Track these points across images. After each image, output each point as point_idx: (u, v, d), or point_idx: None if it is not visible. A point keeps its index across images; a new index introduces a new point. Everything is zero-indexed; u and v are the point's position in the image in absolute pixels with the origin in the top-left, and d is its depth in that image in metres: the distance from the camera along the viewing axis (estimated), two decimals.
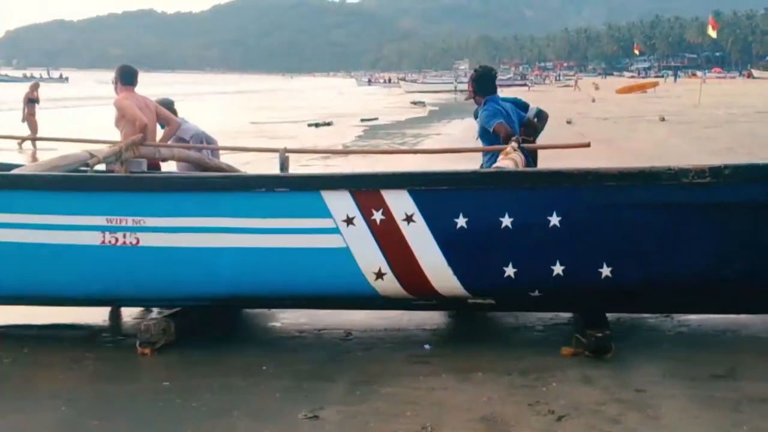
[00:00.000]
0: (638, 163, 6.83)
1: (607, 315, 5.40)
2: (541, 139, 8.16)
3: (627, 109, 35.65)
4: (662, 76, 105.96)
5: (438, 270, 5.06)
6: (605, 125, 26.39)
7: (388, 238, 5.04)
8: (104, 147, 6.77)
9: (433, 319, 5.95)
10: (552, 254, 5.02)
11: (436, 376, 4.78)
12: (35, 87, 22.92)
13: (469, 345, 5.44)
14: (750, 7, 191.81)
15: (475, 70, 7.57)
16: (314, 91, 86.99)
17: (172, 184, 5.53)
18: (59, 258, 5.23)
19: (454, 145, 19.62)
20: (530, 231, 4.99)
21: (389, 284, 5.11)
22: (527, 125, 7.49)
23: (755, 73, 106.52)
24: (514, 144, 6.43)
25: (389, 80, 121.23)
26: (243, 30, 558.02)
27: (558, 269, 5.02)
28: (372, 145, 22.00)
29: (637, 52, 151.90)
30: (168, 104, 8.33)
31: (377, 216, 5.03)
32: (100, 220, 5.17)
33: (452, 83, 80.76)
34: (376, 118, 33.46)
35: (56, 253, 5.22)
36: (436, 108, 44.28)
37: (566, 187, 5.05)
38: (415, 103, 47.34)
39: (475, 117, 7.52)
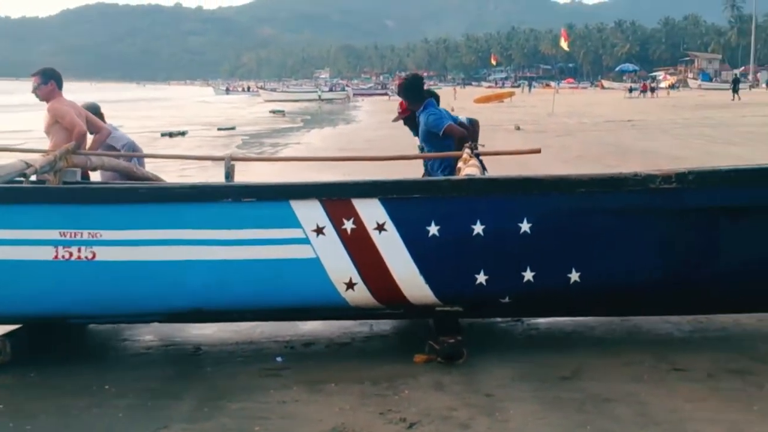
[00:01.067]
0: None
1: (460, 321, 5.45)
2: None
3: (484, 118, 36.20)
4: (518, 86, 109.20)
5: (410, 278, 5.02)
6: None
7: (359, 248, 4.97)
8: (37, 156, 6.31)
9: (286, 330, 5.85)
10: (522, 261, 5.05)
11: (287, 389, 4.70)
12: None
13: (322, 356, 5.38)
14: (601, 21, 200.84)
15: (403, 81, 7.47)
16: (169, 100, 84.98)
17: (131, 195, 5.15)
18: (7, 274, 4.91)
19: (315, 154, 19.57)
20: (501, 238, 5.01)
21: (360, 294, 5.04)
22: (472, 134, 7.38)
23: (605, 84, 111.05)
24: (468, 150, 6.42)
25: (248, 89, 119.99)
26: (94, 36, 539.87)
27: (528, 275, 5.05)
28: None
29: (494, 62, 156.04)
30: (95, 110, 7.85)
31: (348, 225, 4.96)
32: (52, 234, 4.88)
33: (316, 92, 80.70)
34: (233, 128, 32.99)
35: (4, 269, 4.90)
36: (297, 117, 44.10)
37: (537, 193, 5.08)
38: (274, 112, 46.98)
39: (416, 125, 7.40)
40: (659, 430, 4.09)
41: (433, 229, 4.96)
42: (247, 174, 10.20)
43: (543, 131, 27.35)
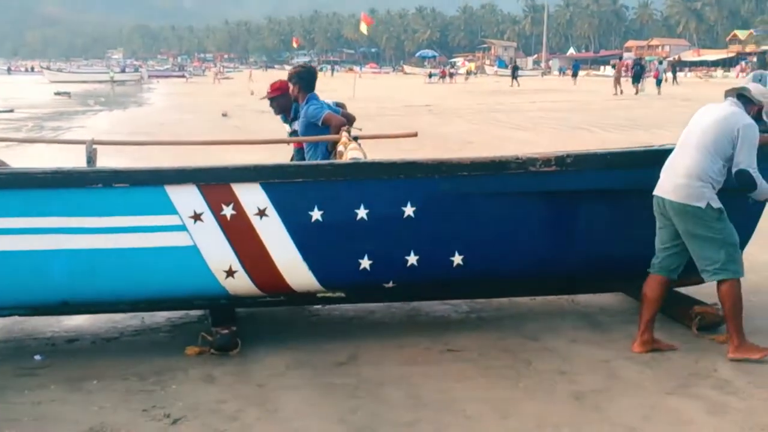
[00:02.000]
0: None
1: (237, 310, 5.29)
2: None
3: None
4: (321, 70, 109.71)
5: (292, 265, 4.86)
6: (263, 118, 26.55)
7: (240, 234, 4.77)
8: None
9: (48, 326, 5.45)
10: (407, 245, 4.95)
11: (44, 389, 4.39)
12: None
13: (86, 352, 5.07)
14: (403, 7, 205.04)
15: (300, 69, 7.06)
16: None
17: None
18: None
19: (102, 137, 18.63)
20: (385, 222, 4.91)
21: (240, 282, 4.85)
22: (347, 118, 7.04)
23: (407, 69, 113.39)
24: (346, 133, 6.19)
25: (32, 69, 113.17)
26: None
27: (412, 259, 4.96)
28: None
29: (296, 45, 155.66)
30: None
31: (227, 211, 4.74)
32: None
33: (108, 73, 77.14)
34: (11, 110, 30.85)
35: None
36: (85, 99, 42.00)
37: (420, 177, 4.96)
38: (59, 93, 44.29)
39: (292, 118, 7.13)
40: (428, 411, 4.12)
41: (317, 214, 4.83)
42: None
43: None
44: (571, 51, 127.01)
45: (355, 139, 6.31)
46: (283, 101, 7.26)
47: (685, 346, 5.02)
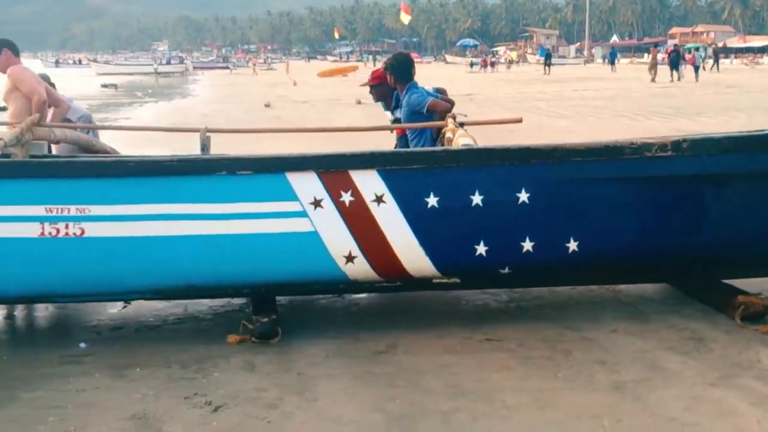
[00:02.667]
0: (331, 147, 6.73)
1: (278, 299, 5.34)
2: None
3: (327, 93, 36.37)
4: (362, 61, 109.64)
5: (409, 250, 4.92)
6: (304, 108, 26.73)
7: (358, 220, 4.86)
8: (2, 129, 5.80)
9: (93, 314, 5.55)
10: (522, 231, 4.98)
11: (89, 376, 4.46)
12: None
13: (129, 340, 5.13)
14: None
15: (393, 59, 7.19)
16: None
17: (121, 169, 4.88)
18: None
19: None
20: (500, 208, 4.95)
21: (359, 267, 4.94)
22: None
23: (449, 58, 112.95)
24: (451, 120, 6.26)
25: (80, 61, 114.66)
26: None
27: (528, 245, 4.98)
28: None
29: (337, 35, 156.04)
30: (46, 80, 7.29)
31: (346, 197, 4.84)
32: (38, 210, 4.63)
33: (152, 65, 77.95)
34: None
35: None
36: (131, 91, 42.54)
37: (534, 163, 4.98)
38: (105, 86, 44.87)
39: (393, 106, 7.29)
40: (467, 401, 4.11)
41: (432, 201, 4.87)
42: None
43: None
44: (615, 38, 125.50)
45: (461, 125, 6.31)
46: (382, 89, 7.43)
47: (729, 337, 4.96)
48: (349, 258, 4.92)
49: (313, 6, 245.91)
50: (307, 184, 4.83)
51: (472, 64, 75.07)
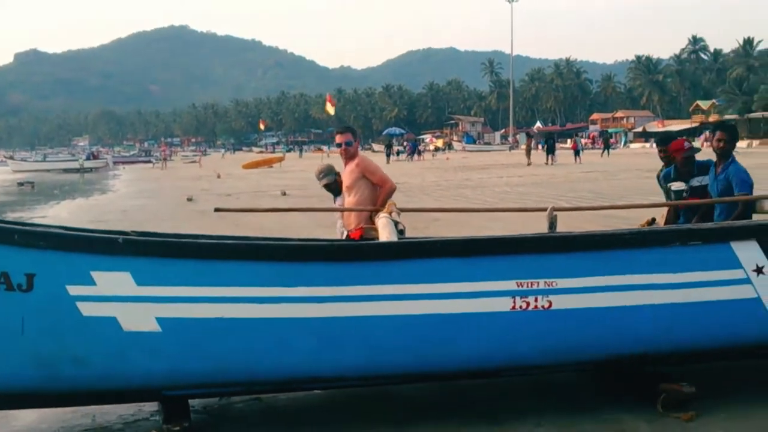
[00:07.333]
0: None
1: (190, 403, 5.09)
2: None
3: (251, 185, 36.25)
4: (288, 151, 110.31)
5: None
6: (227, 201, 26.52)
7: None
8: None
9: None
10: None
11: None
12: None
13: None
14: (369, 86, 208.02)
15: (729, 126, 7.61)
16: None
17: (582, 243, 5.09)
18: (464, 327, 4.77)
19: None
20: None
21: None
22: None
23: (375, 147, 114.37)
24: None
25: None
26: None
27: None
28: None
29: (262, 127, 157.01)
30: None
31: None
32: (510, 285, 4.78)
33: (77, 160, 76.95)
34: None
35: (461, 322, 4.76)
36: (48, 189, 41.68)
37: None
38: (22, 184, 43.72)
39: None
40: None
41: None
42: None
43: (310, 196, 27.44)
44: (538, 124, 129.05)
45: None
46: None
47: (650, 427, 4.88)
48: None
49: (238, 98, 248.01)
50: (749, 252, 5.05)
51: (398, 153, 75.98)
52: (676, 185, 7.65)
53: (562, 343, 4.95)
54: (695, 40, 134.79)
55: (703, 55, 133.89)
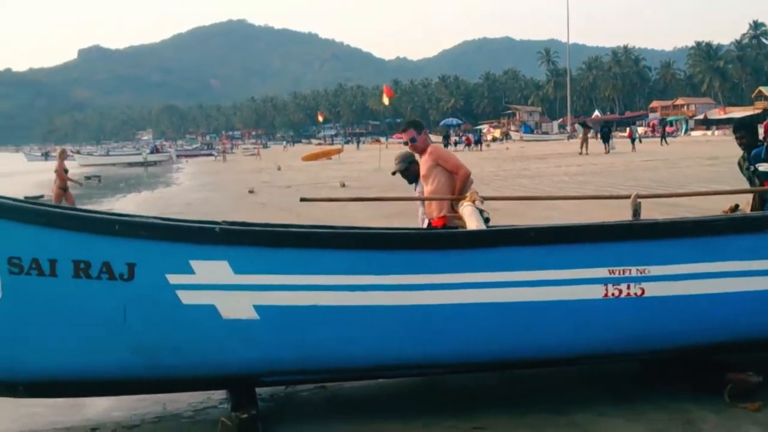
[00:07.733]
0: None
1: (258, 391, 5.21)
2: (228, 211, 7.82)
3: (311, 177, 36.50)
4: (347, 143, 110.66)
5: None
6: (288, 193, 26.76)
7: None
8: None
9: (68, 415, 5.39)
10: None
11: None
12: None
13: None
14: (426, 76, 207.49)
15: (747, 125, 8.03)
16: None
17: (675, 230, 5.09)
18: (554, 314, 4.82)
19: None
20: None
21: None
22: None
23: (433, 137, 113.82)
24: None
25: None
26: None
27: None
28: None
29: (321, 119, 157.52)
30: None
31: None
32: (602, 272, 4.80)
33: (141, 154, 78.34)
34: (41, 196, 31.20)
35: (549, 310, 4.80)
36: (114, 182, 42.59)
37: None
38: (89, 178, 44.62)
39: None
40: None
41: None
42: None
43: (368, 187, 27.58)
44: (596, 113, 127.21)
45: None
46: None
47: (718, 417, 4.87)
48: None
49: (296, 91, 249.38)
50: None
51: (456, 143, 75.65)
52: (764, 166, 7.53)
53: (652, 330, 4.96)
54: (756, 26, 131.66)
55: (764, 40, 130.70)
